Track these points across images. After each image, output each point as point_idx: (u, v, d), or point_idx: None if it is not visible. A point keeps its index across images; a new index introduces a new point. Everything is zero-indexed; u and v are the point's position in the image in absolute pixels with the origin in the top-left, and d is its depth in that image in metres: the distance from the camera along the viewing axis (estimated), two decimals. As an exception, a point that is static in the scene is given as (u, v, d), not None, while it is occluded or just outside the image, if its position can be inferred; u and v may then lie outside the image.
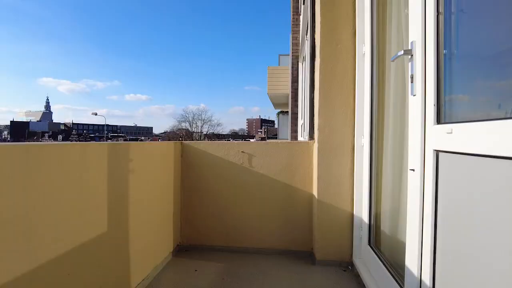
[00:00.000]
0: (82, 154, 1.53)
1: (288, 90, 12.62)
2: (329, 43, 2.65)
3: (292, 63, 9.15)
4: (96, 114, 48.69)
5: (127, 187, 1.98)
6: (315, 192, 2.75)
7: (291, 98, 9.08)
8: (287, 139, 11.09)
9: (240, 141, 2.97)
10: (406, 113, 1.67)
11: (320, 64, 2.65)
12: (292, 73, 9.08)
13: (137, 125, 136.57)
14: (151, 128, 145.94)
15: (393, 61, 1.73)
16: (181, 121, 65.12)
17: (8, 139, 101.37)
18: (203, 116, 66.49)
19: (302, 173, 2.87)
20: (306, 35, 5.55)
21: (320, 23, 2.66)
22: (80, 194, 1.51)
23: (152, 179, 2.40)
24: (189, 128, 64.50)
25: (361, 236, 2.57)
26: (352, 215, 2.62)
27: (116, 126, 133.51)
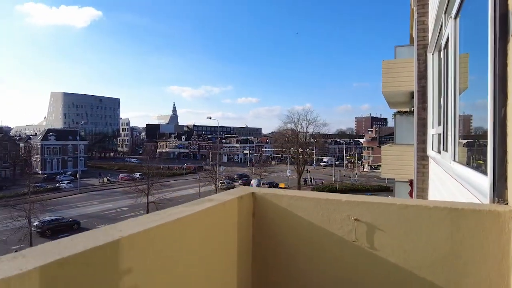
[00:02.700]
0: None
1: (408, 87, 10.36)
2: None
3: (418, 55, 7.12)
4: (210, 118, 52.72)
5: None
6: (518, 323, 1.29)
7: (417, 99, 7.06)
8: (412, 144, 8.87)
9: (351, 198, 1.67)
10: None
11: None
12: (419, 67, 7.06)
13: (248, 126, 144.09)
14: (260, 129, 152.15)
15: None
16: (287, 122, 65.50)
17: (145, 139, 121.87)
18: (308, 116, 64.41)
19: (482, 273, 1.41)
20: (445, 13, 3.83)
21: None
22: None
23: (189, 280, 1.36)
24: (295, 128, 64.13)
25: None
26: None
27: (230, 127, 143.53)
